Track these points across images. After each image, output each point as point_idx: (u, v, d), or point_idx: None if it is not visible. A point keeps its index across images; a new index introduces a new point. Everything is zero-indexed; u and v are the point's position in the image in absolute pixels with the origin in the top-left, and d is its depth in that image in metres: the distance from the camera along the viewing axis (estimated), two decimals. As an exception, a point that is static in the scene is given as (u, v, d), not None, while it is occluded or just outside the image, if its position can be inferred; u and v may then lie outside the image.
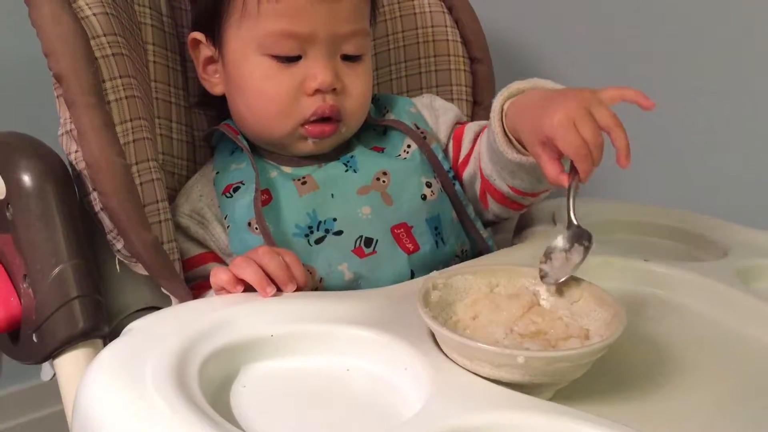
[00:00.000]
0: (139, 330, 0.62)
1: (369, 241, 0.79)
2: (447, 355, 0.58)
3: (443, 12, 1.02)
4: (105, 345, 0.62)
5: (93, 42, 0.75)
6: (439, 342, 0.59)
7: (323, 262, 0.78)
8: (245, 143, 0.83)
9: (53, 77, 0.74)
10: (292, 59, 0.79)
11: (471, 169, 0.85)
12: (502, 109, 0.75)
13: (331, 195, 0.81)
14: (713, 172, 1.09)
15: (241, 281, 0.67)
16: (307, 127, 0.81)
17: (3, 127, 0.78)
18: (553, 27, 1.23)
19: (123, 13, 0.81)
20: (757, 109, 1.04)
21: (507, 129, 0.75)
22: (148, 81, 0.85)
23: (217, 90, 0.86)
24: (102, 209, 0.74)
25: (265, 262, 0.67)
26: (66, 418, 0.67)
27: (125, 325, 0.64)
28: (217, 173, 0.84)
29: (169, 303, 0.77)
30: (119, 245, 0.76)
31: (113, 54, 0.77)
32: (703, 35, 1.07)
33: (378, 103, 0.90)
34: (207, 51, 0.84)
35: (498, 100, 0.76)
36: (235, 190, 0.81)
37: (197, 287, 0.80)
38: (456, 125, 0.90)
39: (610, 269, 0.75)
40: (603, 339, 0.56)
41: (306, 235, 0.79)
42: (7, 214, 0.73)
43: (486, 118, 0.79)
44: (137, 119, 0.77)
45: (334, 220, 0.79)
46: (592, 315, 0.61)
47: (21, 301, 0.73)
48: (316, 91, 0.79)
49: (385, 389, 0.58)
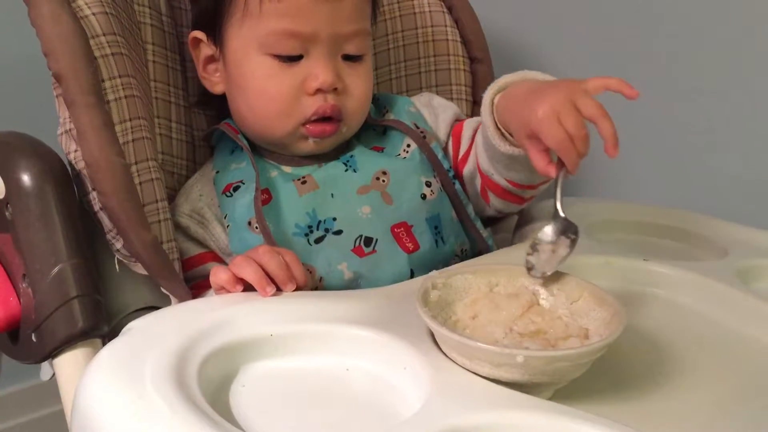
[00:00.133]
0: (139, 329, 0.62)
1: (369, 241, 0.79)
2: (446, 355, 0.58)
3: (443, 12, 1.02)
4: (104, 344, 0.62)
5: (92, 41, 0.75)
6: (438, 341, 0.59)
7: (323, 262, 0.78)
8: (245, 142, 0.83)
9: (53, 77, 0.74)
10: (293, 59, 0.79)
11: (470, 166, 0.85)
12: (492, 103, 0.75)
13: (331, 195, 0.81)
14: (713, 172, 1.09)
15: (241, 281, 0.67)
16: (308, 126, 0.81)
17: (3, 127, 0.78)
18: (553, 27, 1.23)
19: (122, 13, 0.81)
20: (757, 109, 1.04)
21: (498, 122, 0.75)
22: (147, 80, 0.85)
23: (217, 89, 0.86)
24: (101, 209, 0.74)
25: (265, 261, 0.67)
26: (65, 418, 0.66)
27: (124, 325, 0.64)
28: (217, 172, 0.84)
29: (168, 302, 0.77)
30: (118, 245, 0.76)
31: (113, 53, 0.77)
32: (703, 35, 1.07)
33: (378, 102, 0.90)
34: (208, 50, 0.84)
35: (488, 93, 0.76)
36: (235, 189, 0.81)
37: (197, 287, 0.80)
38: (455, 122, 0.90)
39: (610, 269, 0.75)
40: (602, 338, 0.56)
41: (306, 235, 0.79)
42: (7, 214, 0.73)
43: (486, 118, 0.79)
44: (136, 119, 0.77)
45: (334, 219, 0.79)
46: (592, 314, 0.61)
47: (20, 301, 0.73)
48: (318, 90, 0.79)
49: (384, 389, 0.58)
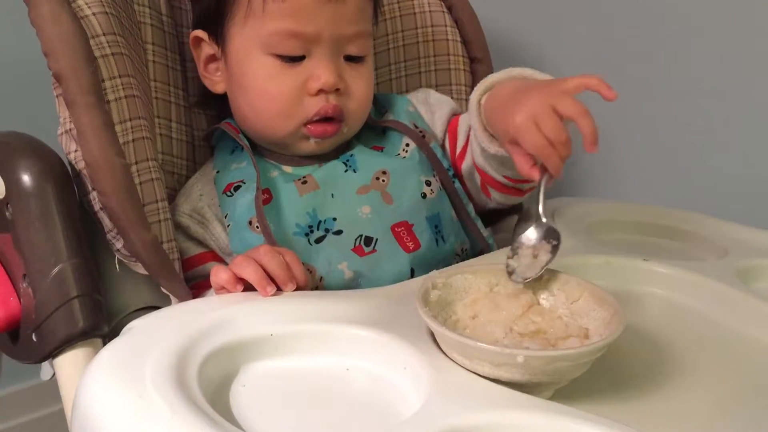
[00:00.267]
0: (139, 329, 0.62)
1: (369, 240, 0.79)
2: (446, 355, 0.58)
3: (443, 11, 1.02)
4: (104, 344, 0.62)
5: (92, 41, 0.75)
6: (438, 341, 0.59)
7: (323, 261, 0.78)
8: (246, 142, 0.83)
9: (53, 77, 0.74)
10: (295, 59, 0.79)
11: (468, 162, 0.85)
12: (479, 104, 0.75)
13: (331, 195, 0.81)
14: (713, 172, 1.09)
15: (241, 280, 0.67)
16: (309, 126, 0.81)
17: (3, 127, 0.78)
18: (553, 27, 1.23)
19: (122, 13, 0.81)
20: (756, 109, 1.04)
21: (485, 123, 0.75)
22: (147, 80, 0.85)
23: (218, 88, 0.86)
24: (101, 208, 0.74)
25: (266, 261, 0.67)
26: (66, 418, 0.66)
27: (125, 325, 0.64)
28: (218, 172, 0.84)
29: (168, 302, 0.77)
30: (119, 245, 0.76)
31: (113, 53, 0.77)
32: (703, 35, 1.07)
33: (377, 102, 0.90)
34: (209, 49, 0.84)
35: (475, 94, 0.76)
36: (236, 189, 0.81)
37: (197, 287, 0.80)
38: (451, 118, 0.89)
39: (610, 269, 0.75)
40: (602, 338, 0.56)
41: (306, 234, 0.79)
42: (7, 214, 0.73)
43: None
44: (137, 119, 0.77)
45: (334, 219, 0.79)
46: (592, 314, 0.61)
47: (20, 301, 0.73)
48: (320, 91, 0.79)
49: (384, 389, 0.58)
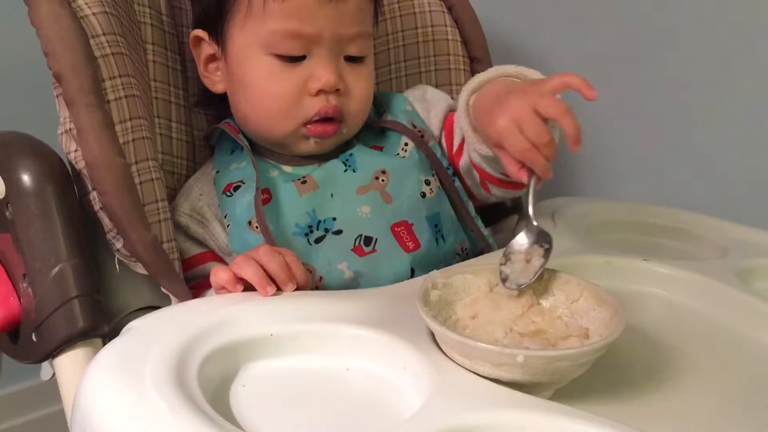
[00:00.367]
0: (139, 329, 0.62)
1: (368, 240, 0.79)
2: (446, 355, 0.58)
3: (443, 11, 1.02)
4: (104, 344, 0.62)
5: (92, 41, 0.75)
6: (438, 341, 0.59)
7: (323, 261, 0.78)
8: (246, 142, 0.83)
9: (53, 76, 0.74)
10: (296, 59, 0.79)
11: (465, 158, 0.85)
12: (468, 105, 0.75)
13: (331, 195, 0.81)
14: (713, 172, 1.09)
15: (241, 280, 0.67)
16: (309, 126, 0.80)
17: (3, 127, 0.78)
18: (553, 27, 1.23)
19: (122, 13, 0.81)
20: (757, 109, 1.04)
21: (474, 124, 0.75)
22: (147, 80, 0.85)
23: (218, 88, 0.85)
24: (101, 208, 0.74)
25: (266, 261, 0.67)
26: (65, 418, 0.66)
27: (125, 325, 0.64)
28: (218, 172, 0.84)
29: (168, 302, 0.77)
30: (119, 244, 0.76)
31: (113, 53, 0.77)
32: (703, 35, 1.07)
33: (375, 101, 0.90)
34: (209, 49, 0.84)
35: (462, 96, 0.76)
36: (236, 188, 0.81)
37: (197, 287, 0.80)
38: (448, 114, 0.89)
39: (610, 269, 0.75)
40: (602, 338, 0.56)
41: (306, 234, 0.79)
42: (7, 214, 0.73)
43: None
44: (137, 118, 0.77)
45: (334, 219, 0.79)
46: (592, 314, 0.61)
47: (20, 301, 0.73)
48: (320, 91, 0.79)
49: (384, 389, 0.58)
